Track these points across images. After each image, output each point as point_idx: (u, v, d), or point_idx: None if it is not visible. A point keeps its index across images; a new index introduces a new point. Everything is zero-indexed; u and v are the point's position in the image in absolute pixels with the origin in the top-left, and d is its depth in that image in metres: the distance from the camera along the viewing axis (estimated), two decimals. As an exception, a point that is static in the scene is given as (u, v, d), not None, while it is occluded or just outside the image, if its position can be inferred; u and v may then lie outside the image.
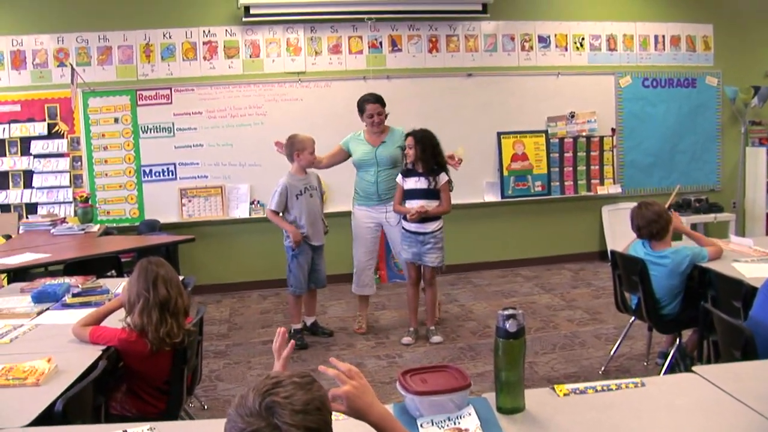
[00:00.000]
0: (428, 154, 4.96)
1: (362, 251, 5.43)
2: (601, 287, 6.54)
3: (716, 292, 3.76)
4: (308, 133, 5.20)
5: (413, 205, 5.00)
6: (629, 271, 4.10)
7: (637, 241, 4.12)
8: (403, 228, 5.14)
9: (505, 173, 7.37)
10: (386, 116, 5.33)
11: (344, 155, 5.48)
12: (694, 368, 2.29)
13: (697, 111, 7.81)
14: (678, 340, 4.06)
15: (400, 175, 5.14)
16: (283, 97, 6.95)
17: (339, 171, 5.67)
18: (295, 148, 5.08)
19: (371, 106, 5.26)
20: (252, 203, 6.93)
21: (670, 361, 3.99)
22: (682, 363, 3.87)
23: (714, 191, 7.92)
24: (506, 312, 1.95)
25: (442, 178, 5.01)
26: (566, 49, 7.51)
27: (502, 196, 7.39)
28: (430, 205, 4.98)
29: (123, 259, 5.05)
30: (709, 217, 7.41)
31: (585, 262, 7.62)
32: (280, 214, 5.15)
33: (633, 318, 4.41)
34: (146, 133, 6.77)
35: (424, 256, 5.05)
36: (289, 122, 6.49)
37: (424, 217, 4.96)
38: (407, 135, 5.05)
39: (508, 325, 1.94)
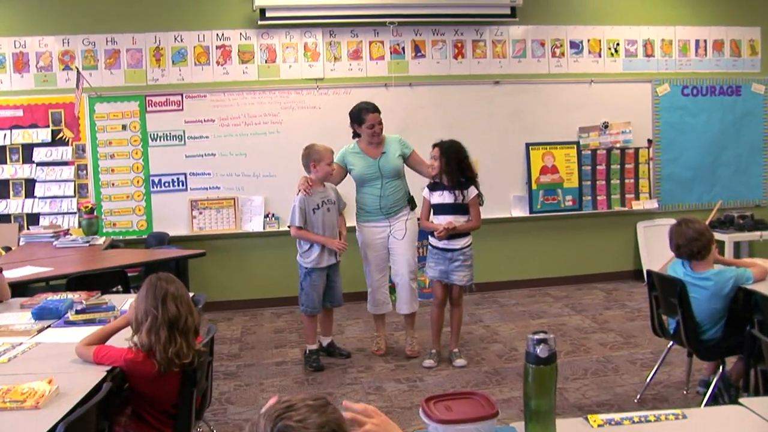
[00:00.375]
0: (453, 166, 4.94)
1: (374, 269, 5.41)
2: (636, 309, 6.48)
3: (763, 316, 3.70)
4: (326, 143, 5.17)
5: (441, 220, 5.00)
6: (667, 293, 4.05)
7: (676, 260, 4.07)
8: (430, 245, 5.14)
9: (534, 187, 7.34)
10: None
11: (343, 173, 5.39)
12: (741, 399, 2.24)
13: (742, 120, 7.74)
14: (721, 367, 4.00)
15: (426, 189, 5.15)
16: (300, 104, 6.96)
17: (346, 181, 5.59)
18: (312, 158, 5.04)
19: (372, 115, 5.20)
20: (266, 216, 6.93)
21: (713, 390, 3.92)
22: (726, 393, 3.82)
23: (760, 207, 7.82)
24: (537, 336, 1.93)
25: (471, 192, 4.99)
26: (600, 55, 7.48)
27: (531, 211, 7.36)
28: (459, 220, 4.98)
29: (130, 274, 5.06)
30: (755, 235, 7.22)
31: (618, 281, 7.56)
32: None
33: (671, 343, 4.34)
34: (155, 141, 6.80)
35: (451, 274, 5.03)
36: (306, 131, 6.50)
37: (452, 233, 4.96)
38: (434, 145, 5.03)
39: (539, 351, 1.92)
